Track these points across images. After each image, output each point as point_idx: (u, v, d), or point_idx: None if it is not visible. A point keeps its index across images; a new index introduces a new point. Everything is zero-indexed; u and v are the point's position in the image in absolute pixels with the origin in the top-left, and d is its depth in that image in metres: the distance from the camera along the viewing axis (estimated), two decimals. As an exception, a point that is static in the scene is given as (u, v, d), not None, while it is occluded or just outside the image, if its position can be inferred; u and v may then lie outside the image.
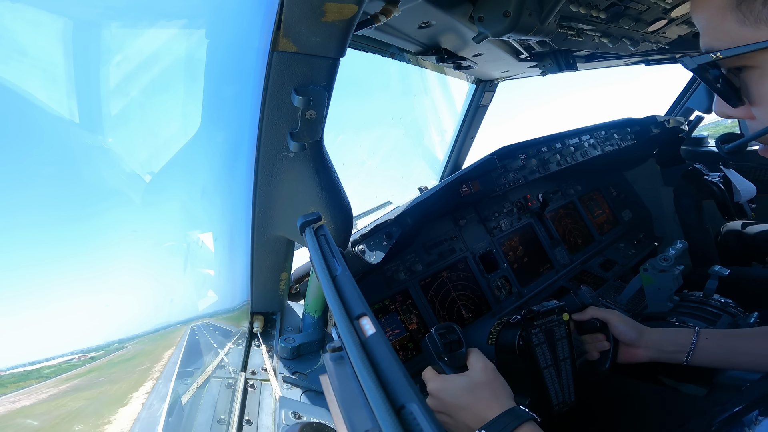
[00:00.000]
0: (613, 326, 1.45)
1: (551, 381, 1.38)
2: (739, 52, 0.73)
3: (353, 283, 0.78)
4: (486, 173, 2.32)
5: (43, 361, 0.79)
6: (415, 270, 2.22)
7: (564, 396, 1.39)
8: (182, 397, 1.03)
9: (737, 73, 0.79)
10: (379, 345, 0.65)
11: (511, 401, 1.08)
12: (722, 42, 0.76)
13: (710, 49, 0.77)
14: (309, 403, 1.19)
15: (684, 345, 1.37)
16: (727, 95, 0.81)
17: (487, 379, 1.11)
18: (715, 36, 0.77)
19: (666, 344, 1.40)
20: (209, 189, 1.32)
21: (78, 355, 0.86)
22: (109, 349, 0.92)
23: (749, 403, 0.91)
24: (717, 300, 1.83)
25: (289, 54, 0.92)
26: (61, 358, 0.83)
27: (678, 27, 1.90)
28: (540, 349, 1.38)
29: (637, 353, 1.44)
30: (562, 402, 1.39)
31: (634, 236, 3.26)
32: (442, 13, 1.26)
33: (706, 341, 1.35)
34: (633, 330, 1.43)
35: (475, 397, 1.08)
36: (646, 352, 1.43)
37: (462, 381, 1.11)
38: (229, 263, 1.46)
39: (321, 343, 1.41)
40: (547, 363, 1.38)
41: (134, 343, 1.02)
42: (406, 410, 0.57)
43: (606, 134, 2.97)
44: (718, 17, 0.75)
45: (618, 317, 1.46)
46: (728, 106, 0.82)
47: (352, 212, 1.24)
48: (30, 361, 0.76)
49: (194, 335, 1.27)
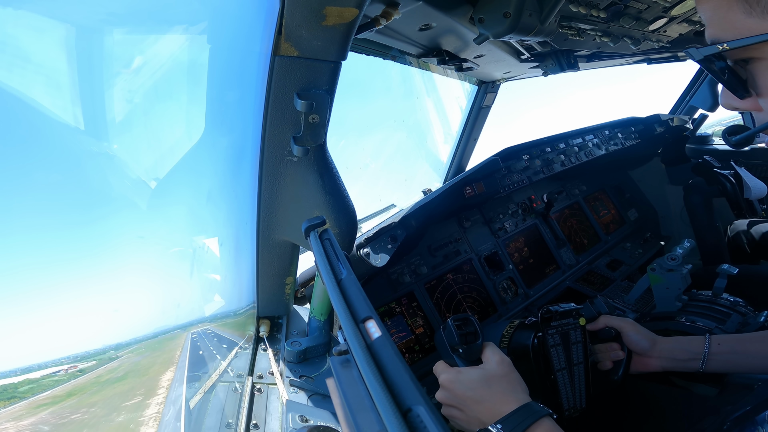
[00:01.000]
0: (627, 335, 1.42)
1: (563, 384, 1.36)
2: (746, 44, 0.73)
3: (358, 286, 0.78)
4: (490, 174, 2.31)
5: (51, 364, 0.79)
6: (420, 272, 2.21)
7: (575, 401, 1.37)
8: (190, 402, 1.04)
9: (744, 65, 0.78)
10: (385, 348, 0.65)
11: (526, 396, 1.05)
12: (728, 33, 0.75)
13: (716, 41, 0.77)
14: (316, 407, 1.19)
15: (697, 353, 1.33)
16: (733, 87, 0.80)
17: (504, 372, 1.08)
18: (721, 27, 0.76)
19: (679, 353, 1.37)
20: (214, 194, 1.32)
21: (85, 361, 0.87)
22: (103, 358, 0.93)
23: (761, 402, 0.91)
24: (726, 299, 1.81)
25: (290, 58, 0.93)
26: (67, 363, 0.83)
27: (678, 25, 1.89)
28: (555, 350, 1.36)
29: (649, 363, 1.41)
30: (573, 407, 1.36)
31: (641, 236, 3.24)
32: (443, 15, 1.27)
33: (718, 347, 1.32)
34: (646, 339, 1.40)
35: (490, 390, 1.05)
36: (659, 361, 1.40)
37: (477, 373, 1.08)
38: (234, 268, 1.47)
39: (327, 346, 1.41)
40: (561, 366, 1.36)
41: (139, 348, 1.02)
42: (413, 413, 0.56)
43: (610, 134, 2.96)
44: (724, 8, 0.74)
45: (632, 326, 1.43)
46: (735, 98, 0.81)
47: (356, 216, 1.24)
48: (35, 363, 0.76)
49: (201, 340, 1.27)
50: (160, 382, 1.11)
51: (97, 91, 0.92)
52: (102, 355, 0.91)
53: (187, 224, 1.32)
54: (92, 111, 0.90)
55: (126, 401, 0.95)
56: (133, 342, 1.00)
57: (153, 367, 1.09)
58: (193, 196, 1.30)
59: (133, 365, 1.00)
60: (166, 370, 1.15)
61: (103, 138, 0.97)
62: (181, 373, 1.12)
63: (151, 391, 1.04)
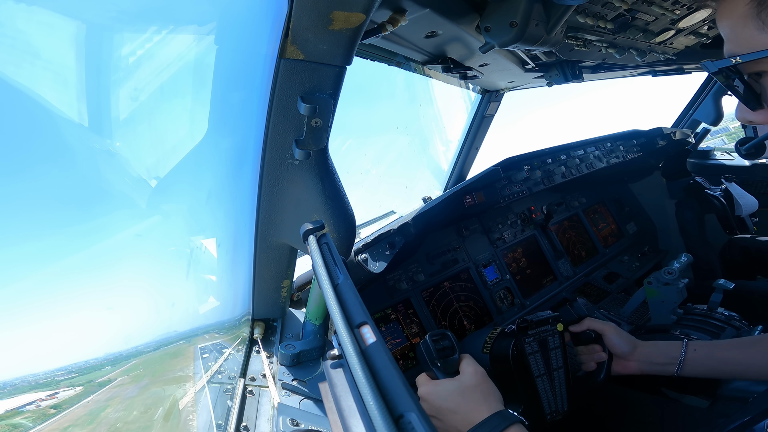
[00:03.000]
0: (608, 338, 1.47)
1: (544, 390, 1.40)
2: (757, 57, 0.78)
3: (355, 291, 0.78)
4: (490, 184, 2.31)
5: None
6: (417, 280, 2.21)
7: (557, 405, 1.41)
8: (180, 402, 1.03)
9: (757, 78, 0.83)
10: (379, 354, 0.65)
11: (499, 404, 1.09)
12: (743, 48, 0.80)
13: (732, 55, 0.82)
14: (307, 411, 1.18)
15: (674, 357, 1.39)
16: (747, 99, 0.85)
17: (477, 382, 1.13)
18: (737, 43, 0.82)
19: (656, 356, 1.43)
20: (214, 195, 1.32)
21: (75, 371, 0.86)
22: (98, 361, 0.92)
23: (759, 413, 0.91)
24: (721, 313, 1.82)
25: (296, 61, 0.93)
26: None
27: (685, 38, 1.90)
28: (533, 357, 1.40)
29: (629, 366, 1.46)
30: (555, 411, 1.40)
31: (639, 249, 3.24)
32: (449, 22, 1.27)
33: (694, 353, 1.37)
34: (627, 343, 1.46)
35: (464, 401, 1.10)
36: (637, 365, 1.45)
37: (452, 385, 1.13)
38: (231, 269, 1.46)
39: (321, 350, 1.41)
40: (540, 372, 1.40)
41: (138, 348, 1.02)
42: (405, 419, 0.56)
43: (611, 146, 2.96)
44: (740, 25, 0.80)
45: (613, 330, 1.48)
46: (749, 111, 0.86)
47: (355, 221, 1.24)
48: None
49: (194, 340, 1.27)
50: (151, 381, 1.10)
51: (102, 89, 0.92)
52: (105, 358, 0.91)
53: (186, 224, 1.32)
54: (97, 108, 0.90)
55: (114, 398, 0.95)
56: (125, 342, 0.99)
57: (144, 366, 1.09)
58: (193, 195, 1.30)
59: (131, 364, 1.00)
60: (158, 369, 1.14)
61: (106, 135, 0.97)
62: (172, 372, 1.11)
63: (142, 389, 1.04)
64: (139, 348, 1.05)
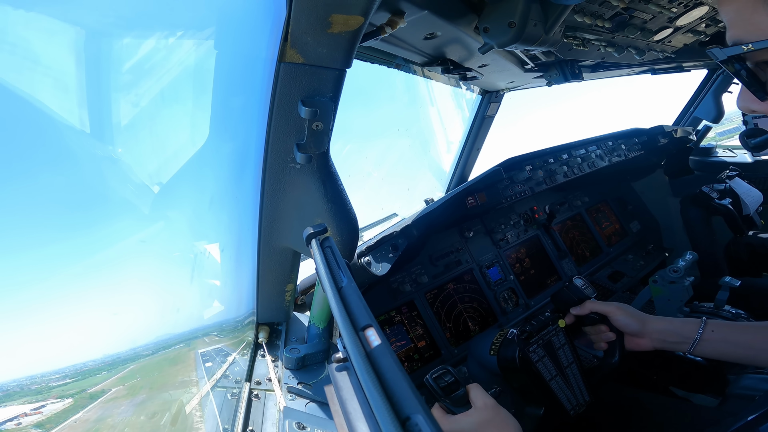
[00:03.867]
0: (615, 320, 1.45)
1: (560, 389, 1.39)
2: None
3: (359, 294, 0.78)
4: (492, 185, 2.31)
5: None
6: (420, 282, 2.21)
7: (577, 398, 1.40)
8: (186, 406, 1.03)
9: (765, 67, 0.78)
10: (384, 356, 0.65)
11: (518, 430, 1.10)
12: (752, 35, 0.75)
13: (739, 42, 0.77)
14: (313, 414, 1.18)
15: (688, 337, 1.36)
16: (755, 88, 0.80)
17: (490, 416, 1.13)
18: (745, 29, 0.76)
19: (670, 335, 1.40)
20: (216, 200, 1.33)
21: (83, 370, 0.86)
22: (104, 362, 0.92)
23: (764, 412, 0.90)
24: (728, 311, 1.82)
25: (295, 65, 0.93)
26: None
27: (683, 35, 1.90)
28: (542, 364, 1.39)
29: (641, 343, 1.44)
30: (577, 404, 1.40)
31: (643, 248, 3.23)
32: (448, 24, 1.27)
33: (711, 333, 1.35)
34: (635, 321, 1.43)
35: None
36: (650, 342, 1.43)
37: (467, 422, 1.14)
38: (235, 274, 1.46)
39: (326, 353, 1.41)
40: (552, 374, 1.39)
41: (139, 351, 1.02)
42: (412, 422, 0.56)
43: (613, 145, 2.96)
44: (749, 9, 0.74)
45: (618, 309, 1.45)
46: (754, 100, 0.81)
47: (357, 224, 1.24)
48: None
49: (199, 345, 1.27)
50: (156, 386, 1.10)
51: (103, 94, 0.92)
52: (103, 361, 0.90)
53: (189, 229, 1.32)
54: (98, 114, 0.91)
55: (119, 402, 0.94)
56: (130, 347, 0.99)
57: (149, 371, 1.09)
58: (195, 200, 1.30)
59: (129, 369, 0.99)
60: (162, 375, 1.14)
61: (108, 141, 0.97)
62: (178, 377, 1.11)
63: (147, 395, 1.04)
64: (143, 352, 1.05)
